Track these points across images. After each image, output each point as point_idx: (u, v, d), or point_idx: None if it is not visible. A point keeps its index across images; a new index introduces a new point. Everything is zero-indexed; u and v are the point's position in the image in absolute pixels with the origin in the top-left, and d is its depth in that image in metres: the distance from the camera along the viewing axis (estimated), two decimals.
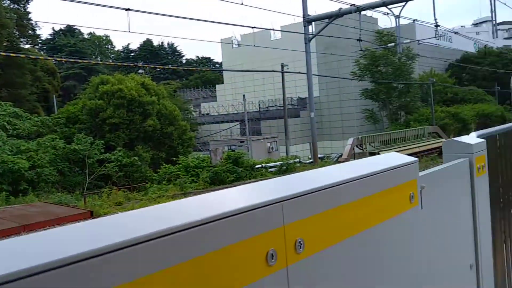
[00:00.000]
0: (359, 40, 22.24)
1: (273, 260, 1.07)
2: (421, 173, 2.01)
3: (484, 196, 2.68)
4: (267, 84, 51.08)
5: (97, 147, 23.41)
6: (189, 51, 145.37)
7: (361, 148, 29.77)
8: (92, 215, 15.28)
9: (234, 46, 55.96)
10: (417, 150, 29.02)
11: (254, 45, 29.36)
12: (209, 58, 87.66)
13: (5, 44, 35.48)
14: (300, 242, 1.17)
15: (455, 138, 2.61)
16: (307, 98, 29.87)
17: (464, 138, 2.63)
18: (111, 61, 65.47)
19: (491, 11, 19.45)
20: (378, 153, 29.38)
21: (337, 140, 43.37)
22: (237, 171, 22.69)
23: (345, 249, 1.40)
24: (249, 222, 1.02)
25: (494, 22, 20.39)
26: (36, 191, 19.28)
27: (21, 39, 42.96)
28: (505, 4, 20.87)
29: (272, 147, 37.35)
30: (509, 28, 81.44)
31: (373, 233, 1.56)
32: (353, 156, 25.86)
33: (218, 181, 21.64)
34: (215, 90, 61.66)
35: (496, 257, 2.84)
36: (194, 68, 60.88)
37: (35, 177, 20.04)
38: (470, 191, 2.53)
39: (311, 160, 30.20)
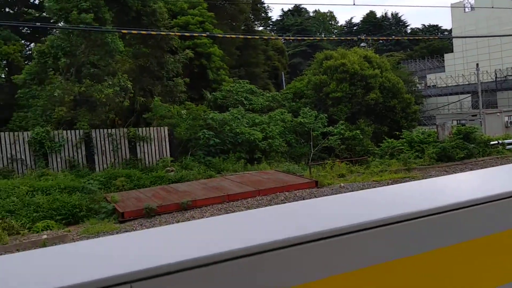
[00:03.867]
0: None
1: None
2: None
3: None
4: (505, 51, 44.95)
5: (321, 121, 24.48)
6: (415, 20, 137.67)
7: None
8: (316, 185, 16.10)
9: (467, 10, 50.75)
10: None
11: (492, 7, 25.98)
12: (436, 25, 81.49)
13: (242, 28, 39.62)
14: None
15: None
16: None
17: None
18: (334, 36, 66.69)
19: None
20: None
21: None
22: (468, 147, 20.82)
23: None
24: None
25: None
26: (268, 160, 21.34)
27: (255, 22, 47.25)
28: None
29: (511, 122, 33.03)
30: None
31: None
32: None
33: (445, 158, 20.27)
34: (443, 60, 57.39)
35: None
36: (419, 37, 57.29)
37: (267, 147, 22.11)
38: None
39: None
